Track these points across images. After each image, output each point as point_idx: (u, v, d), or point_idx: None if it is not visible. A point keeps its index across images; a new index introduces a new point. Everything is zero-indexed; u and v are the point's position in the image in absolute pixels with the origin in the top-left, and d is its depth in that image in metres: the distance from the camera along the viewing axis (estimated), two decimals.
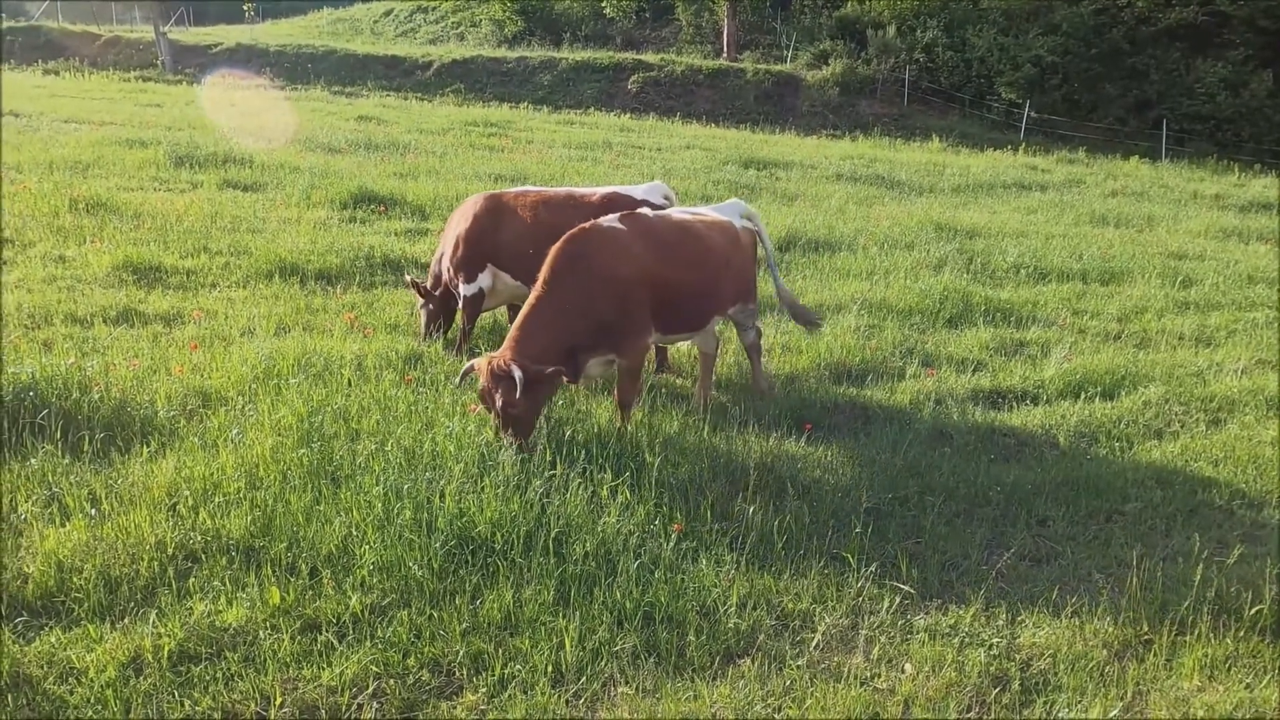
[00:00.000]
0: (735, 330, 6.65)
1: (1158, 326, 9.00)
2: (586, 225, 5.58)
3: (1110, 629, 4.03)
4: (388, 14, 49.95)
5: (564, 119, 28.87)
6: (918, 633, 3.94)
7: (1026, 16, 34.75)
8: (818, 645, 3.84)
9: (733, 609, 3.95)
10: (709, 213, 6.38)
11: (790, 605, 4.10)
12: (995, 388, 7.15)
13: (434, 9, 48.57)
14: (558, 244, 5.46)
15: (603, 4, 43.57)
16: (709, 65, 36.86)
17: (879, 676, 3.68)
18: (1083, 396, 6.92)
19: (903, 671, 3.70)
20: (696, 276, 5.80)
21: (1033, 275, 10.93)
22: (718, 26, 40.83)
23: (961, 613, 4.12)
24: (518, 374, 4.90)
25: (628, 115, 31.15)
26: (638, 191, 7.10)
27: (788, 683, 3.61)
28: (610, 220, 5.63)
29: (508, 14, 43.80)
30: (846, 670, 3.65)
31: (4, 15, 45.16)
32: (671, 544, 4.38)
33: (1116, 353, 8.05)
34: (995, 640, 3.88)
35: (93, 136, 17.09)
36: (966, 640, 3.91)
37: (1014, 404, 6.88)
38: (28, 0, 51.44)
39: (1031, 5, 34.73)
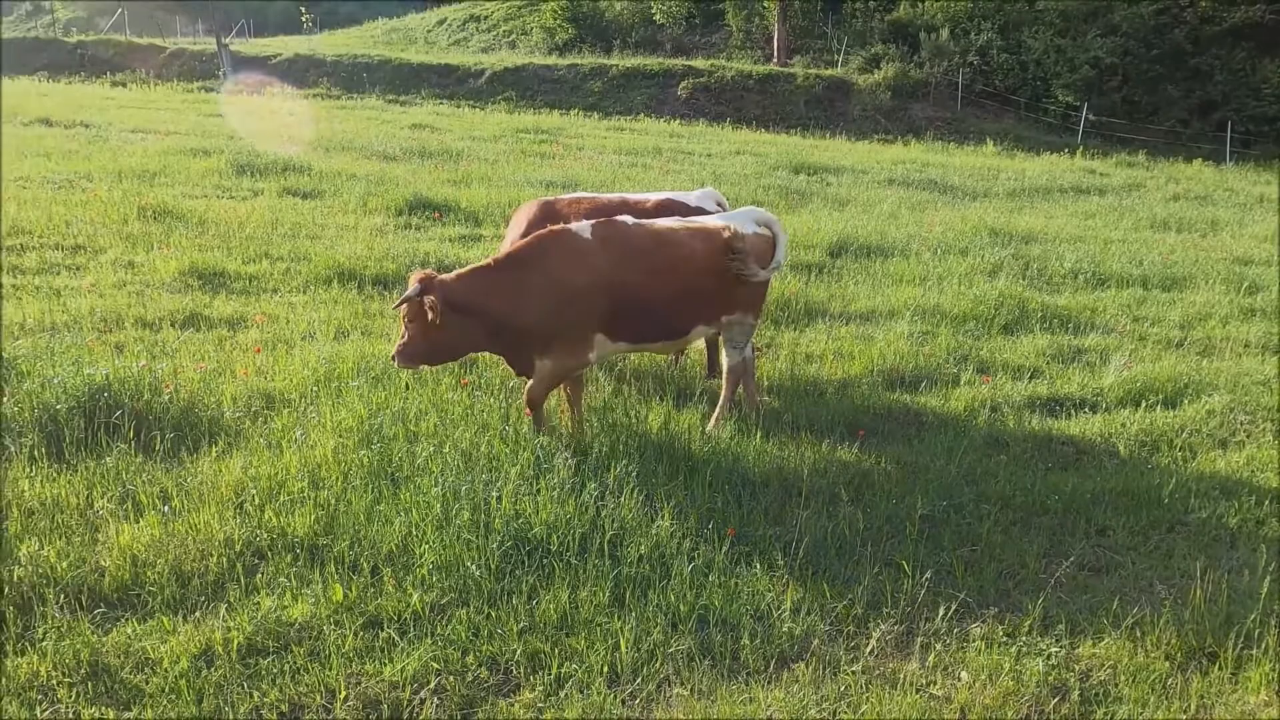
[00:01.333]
0: (723, 346, 6.24)
1: (1222, 334, 8.79)
2: (556, 228, 5.62)
3: (1173, 641, 3.96)
4: (441, 23, 50.71)
5: (614, 125, 29.05)
6: (974, 641, 3.91)
7: (1084, 17, 34.11)
8: (872, 651, 3.83)
9: (786, 613, 3.97)
10: (709, 220, 6.13)
11: (844, 611, 4.09)
12: (1053, 395, 7.05)
13: (486, 18, 49.19)
14: (529, 238, 5.54)
15: (653, 10, 43.75)
16: (759, 70, 36.80)
17: (935, 684, 3.66)
18: (1143, 405, 6.79)
19: (959, 679, 3.68)
20: (667, 284, 5.61)
21: (1091, 281, 10.73)
22: (768, 32, 40.73)
23: (1019, 621, 4.08)
24: (415, 286, 5.18)
25: (677, 121, 31.21)
26: (690, 198, 7.14)
27: (842, 688, 3.61)
28: (581, 226, 5.61)
29: (558, 22, 44.20)
30: (902, 677, 3.64)
31: (75, 30, 46.67)
32: (724, 548, 4.40)
33: (1179, 360, 7.88)
34: (1054, 650, 3.84)
35: (159, 146, 17.63)
36: (1024, 649, 3.87)
37: (1072, 412, 6.78)
38: (97, 3, 53.15)
39: (1090, 6, 34.09)
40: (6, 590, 3.88)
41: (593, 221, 5.66)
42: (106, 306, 7.83)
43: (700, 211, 7.02)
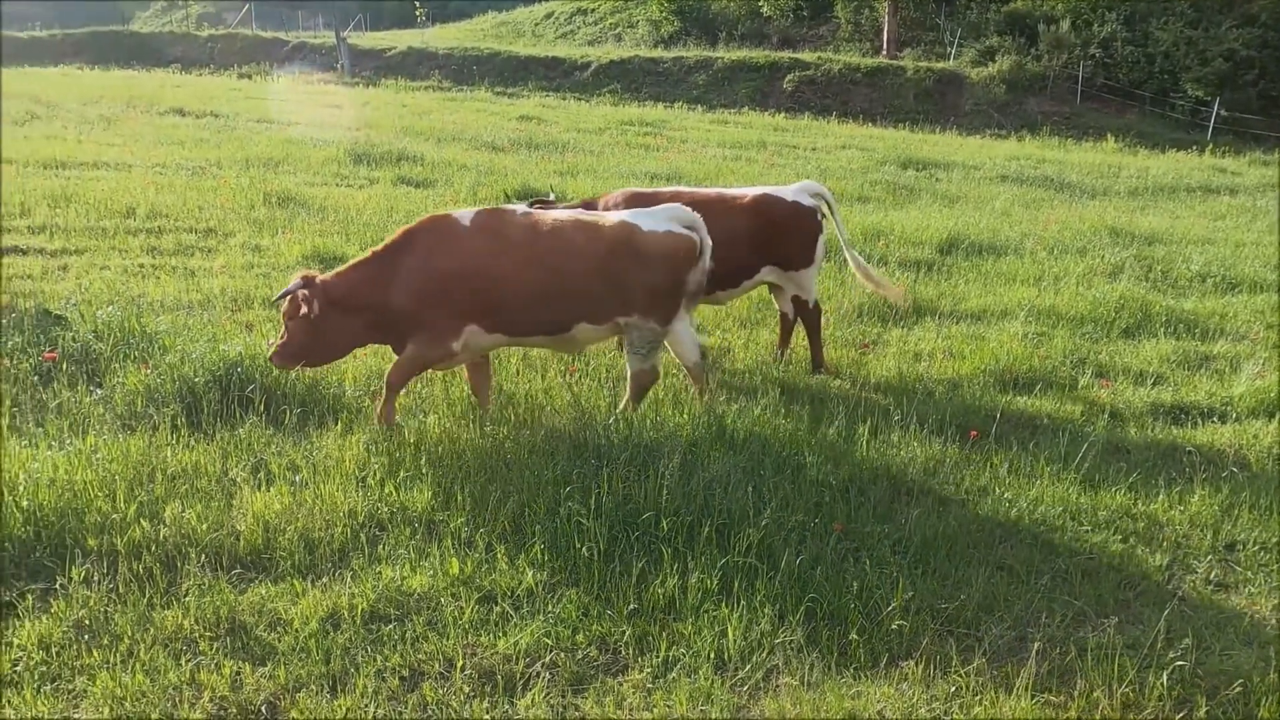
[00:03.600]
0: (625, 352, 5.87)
1: None
2: (435, 215, 5.61)
3: None
4: (548, 16, 51.41)
5: (718, 118, 28.96)
6: (1091, 649, 3.80)
7: (1219, 8, 32.34)
8: (984, 653, 3.76)
9: (896, 611, 3.93)
10: (608, 215, 5.80)
11: (955, 612, 4.03)
12: (1177, 403, 6.75)
13: (593, 11, 49.63)
14: (408, 226, 5.56)
15: (759, 3, 43.39)
16: (867, 63, 36.14)
17: (1050, 690, 3.57)
18: (1278, 416, 6.44)
19: (1075, 687, 3.59)
20: (539, 276, 5.41)
21: (1220, 285, 10.22)
22: (877, 24, 39.94)
23: (1140, 633, 3.94)
24: (295, 281, 5.29)
25: (782, 115, 30.94)
26: (787, 192, 7.07)
27: (953, 689, 3.56)
28: (462, 214, 5.55)
29: (664, 14, 44.28)
30: (1016, 682, 3.56)
31: (207, 24, 48.99)
32: (832, 543, 4.39)
33: None
34: (1179, 663, 3.70)
35: (282, 135, 18.43)
36: (1146, 661, 3.74)
37: (1199, 421, 6.48)
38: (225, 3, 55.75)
39: None
40: (154, 548, 4.15)
41: (475, 210, 5.60)
42: (236, 287, 8.25)
43: (796, 206, 6.95)
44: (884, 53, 38.21)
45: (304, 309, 5.29)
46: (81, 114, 20.44)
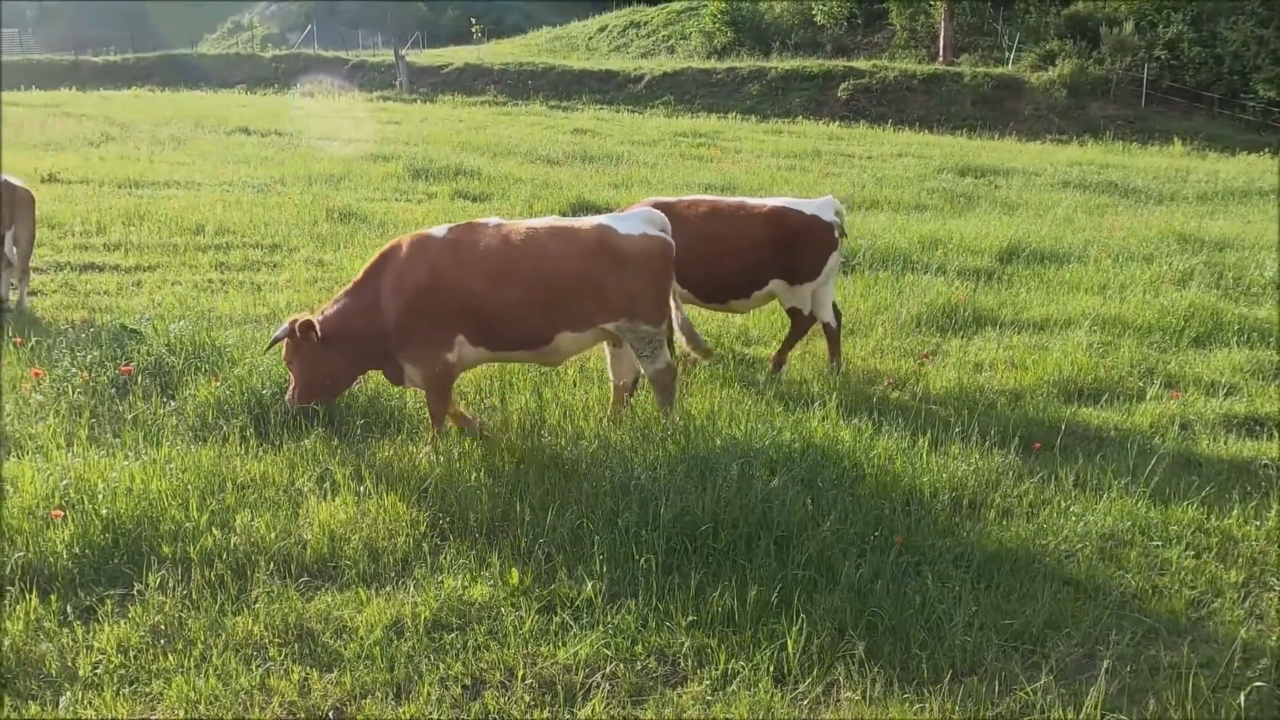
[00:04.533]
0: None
1: None
2: (413, 234, 5.60)
3: None
4: (602, 30, 51.83)
5: (772, 128, 28.89)
6: (1164, 669, 3.70)
7: None
8: (1051, 671, 3.69)
9: (959, 626, 3.87)
10: (581, 220, 5.80)
11: (1020, 628, 3.96)
12: (1251, 414, 6.55)
13: (646, 24, 49.93)
14: (385, 246, 5.59)
15: (813, 12, 43.20)
16: (923, 70, 35.77)
17: (1120, 709, 3.48)
18: None
19: (1147, 707, 3.49)
20: (513, 287, 5.36)
21: None
22: (933, 30, 39.48)
23: (1214, 652, 3.83)
24: (284, 325, 5.38)
25: (837, 123, 30.72)
26: (809, 206, 7.04)
27: (1020, 706, 3.50)
28: (439, 229, 5.52)
29: (717, 25, 44.35)
30: (1086, 700, 3.48)
31: (271, 45, 50.30)
32: (892, 556, 4.34)
33: None
34: (1257, 684, 3.58)
35: (343, 152, 18.86)
36: (1221, 681, 3.63)
37: (1274, 433, 6.27)
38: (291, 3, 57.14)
39: None
40: (225, 555, 4.27)
41: (451, 225, 5.58)
42: (301, 301, 8.45)
43: (815, 220, 6.90)
44: (940, 59, 37.75)
45: (303, 349, 5.39)
46: (153, 135, 21.16)
